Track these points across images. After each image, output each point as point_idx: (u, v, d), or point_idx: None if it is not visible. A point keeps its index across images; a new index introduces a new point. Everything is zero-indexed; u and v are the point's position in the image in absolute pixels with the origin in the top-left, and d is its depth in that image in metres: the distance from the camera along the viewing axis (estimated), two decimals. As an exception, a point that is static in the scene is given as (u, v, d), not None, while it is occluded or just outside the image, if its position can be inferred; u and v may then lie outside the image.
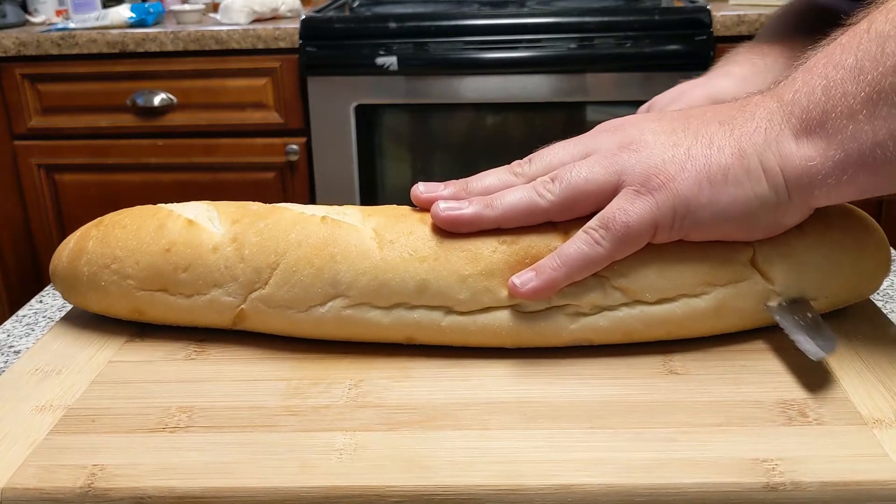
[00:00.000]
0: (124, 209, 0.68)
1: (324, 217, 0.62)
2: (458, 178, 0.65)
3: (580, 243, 0.58)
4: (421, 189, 0.64)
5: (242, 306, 0.62)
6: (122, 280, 0.64)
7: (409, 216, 0.63)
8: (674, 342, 0.60)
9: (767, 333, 0.61)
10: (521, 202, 0.60)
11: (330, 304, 0.61)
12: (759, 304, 0.60)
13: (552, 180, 0.60)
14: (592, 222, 0.58)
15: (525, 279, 0.58)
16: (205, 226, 0.64)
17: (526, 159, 0.64)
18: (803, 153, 0.55)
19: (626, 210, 0.57)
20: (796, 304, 0.60)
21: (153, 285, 0.63)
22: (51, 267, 0.68)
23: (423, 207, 0.63)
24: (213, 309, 0.63)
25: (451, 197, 0.63)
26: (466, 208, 0.60)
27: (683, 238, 0.59)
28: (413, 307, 0.60)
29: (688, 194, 0.57)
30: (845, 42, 0.55)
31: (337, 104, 2.15)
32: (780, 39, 0.95)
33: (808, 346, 0.56)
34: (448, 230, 0.61)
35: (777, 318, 0.59)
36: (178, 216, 0.65)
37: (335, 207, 0.65)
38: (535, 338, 0.60)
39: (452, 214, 0.60)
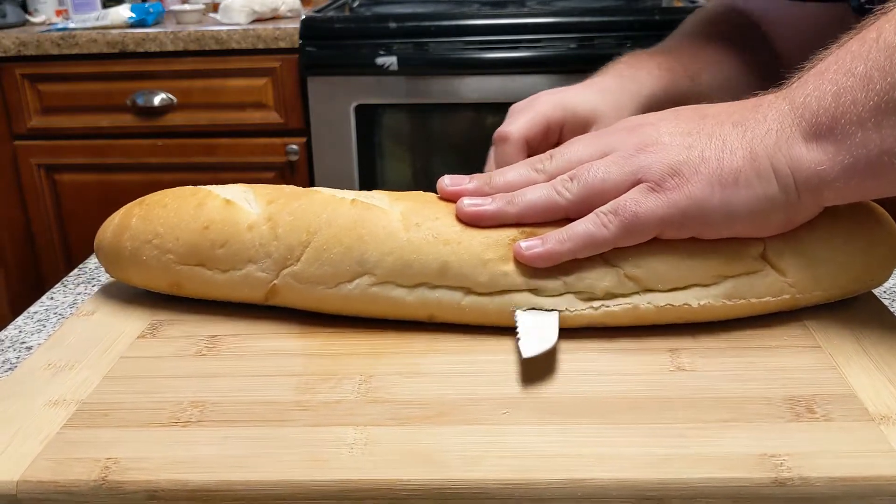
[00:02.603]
0: (165, 190, 0.71)
1: (353, 200, 0.65)
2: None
3: (588, 223, 0.60)
4: (447, 182, 0.66)
5: (275, 282, 0.65)
6: (162, 255, 0.67)
7: (436, 202, 0.66)
8: (683, 338, 0.61)
9: (775, 331, 0.62)
10: (540, 200, 0.63)
11: (357, 281, 0.63)
12: (771, 295, 0.62)
13: (571, 179, 0.62)
14: (604, 207, 0.61)
15: (530, 244, 0.61)
16: (241, 205, 0.66)
17: (547, 155, 0.66)
18: (813, 157, 0.57)
19: (637, 201, 0.59)
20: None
21: (192, 260, 0.66)
22: (95, 242, 0.71)
23: (448, 199, 0.66)
24: (247, 284, 0.66)
25: (475, 191, 0.65)
26: (489, 205, 0.63)
27: (695, 236, 0.61)
28: (435, 287, 0.62)
29: (700, 196, 0.58)
30: (855, 49, 0.57)
31: (337, 104, 2.15)
32: (669, 49, 0.96)
33: (523, 343, 0.58)
34: (471, 224, 0.63)
35: (517, 315, 0.61)
36: (217, 196, 0.67)
37: (364, 192, 0.68)
38: None
39: (476, 210, 0.63)
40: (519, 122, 0.81)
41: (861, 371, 0.56)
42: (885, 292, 0.76)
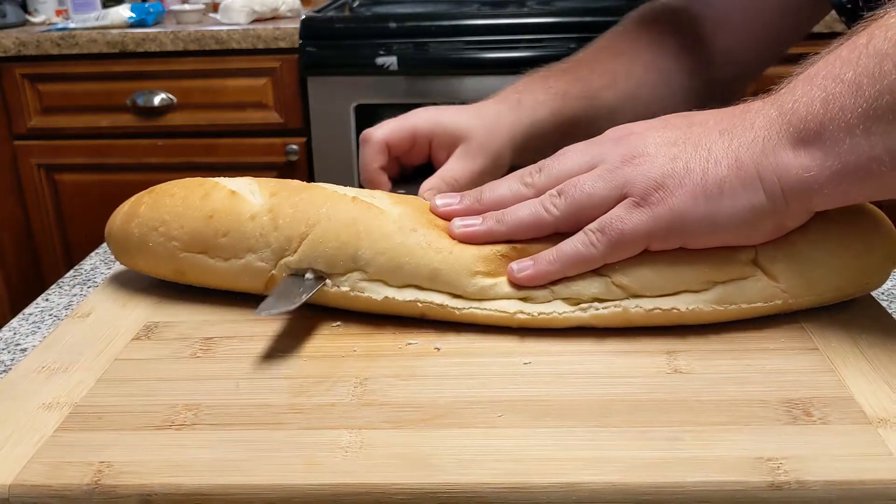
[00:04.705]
0: (175, 180, 0.72)
1: (354, 197, 0.66)
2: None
3: (577, 242, 0.62)
4: (438, 203, 0.68)
5: (273, 272, 0.66)
6: (167, 242, 0.68)
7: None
8: (681, 340, 0.61)
9: (772, 333, 0.62)
10: (529, 217, 0.64)
11: (348, 275, 0.64)
12: (763, 300, 0.62)
13: (558, 194, 0.63)
14: (592, 225, 0.61)
15: (522, 266, 0.63)
16: (246, 197, 0.68)
17: (536, 167, 0.67)
18: (800, 163, 0.57)
19: (622, 218, 0.60)
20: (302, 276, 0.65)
21: (195, 248, 0.68)
22: (106, 228, 0.73)
23: (442, 218, 0.67)
24: (246, 273, 0.67)
25: (466, 211, 0.67)
26: (479, 225, 0.65)
27: (682, 246, 0.61)
28: (424, 289, 0.63)
29: (684, 209, 0.59)
30: (845, 55, 0.57)
31: (337, 104, 2.15)
32: (574, 65, 0.95)
33: (263, 304, 0.61)
34: (463, 243, 0.64)
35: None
36: (223, 187, 0.69)
37: (365, 191, 0.69)
38: (539, 320, 0.62)
39: (466, 231, 0.65)
40: (384, 128, 0.83)
41: (859, 374, 0.56)
42: (882, 294, 0.76)
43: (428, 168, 0.85)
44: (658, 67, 0.96)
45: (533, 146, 0.86)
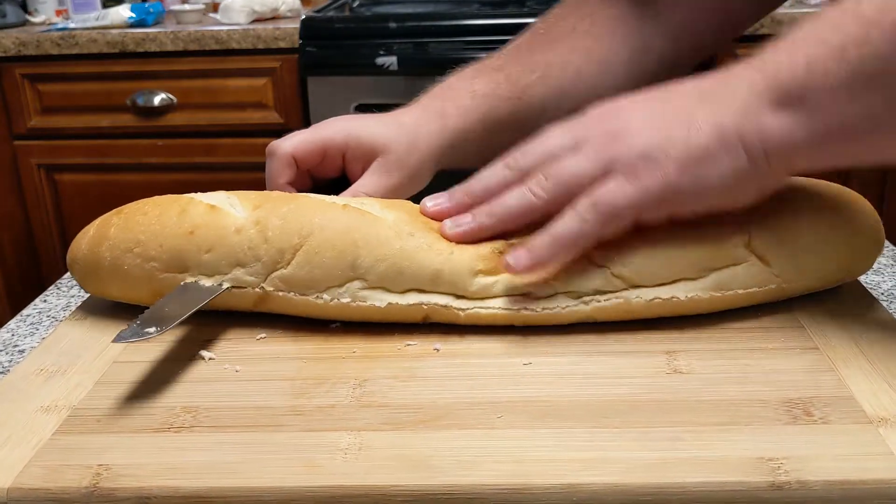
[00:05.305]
0: (143, 199, 0.69)
1: (345, 205, 0.65)
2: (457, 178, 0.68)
3: (568, 220, 0.61)
4: (428, 206, 0.67)
5: (263, 285, 0.64)
6: (145, 263, 0.65)
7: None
8: (680, 339, 0.61)
9: (772, 333, 0.62)
10: (517, 205, 0.63)
11: (347, 285, 0.63)
12: (758, 285, 0.63)
13: (545, 178, 0.62)
14: (582, 200, 0.60)
15: (517, 256, 0.61)
16: (227, 210, 0.65)
17: (520, 151, 0.66)
18: (783, 125, 0.57)
19: (612, 191, 0.60)
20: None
21: (177, 267, 0.65)
22: (69, 256, 0.69)
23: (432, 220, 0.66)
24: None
25: (456, 207, 0.66)
26: (470, 223, 0.64)
27: (672, 214, 0.61)
28: (426, 292, 0.63)
29: (670, 179, 0.59)
30: (831, 19, 0.57)
31: (337, 104, 2.15)
32: (502, 61, 0.90)
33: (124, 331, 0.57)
34: (458, 243, 0.64)
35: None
36: (200, 202, 0.66)
37: (354, 198, 0.68)
38: (542, 315, 0.62)
39: (458, 231, 0.64)
40: (292, 140, 0.79)
41: (859, 373, 0.56)
42: (883, 294, 0.76)
43: (343, 181, 0.81)
44: (598, 55, 0.91)
45: (459, 153, 0.83)
